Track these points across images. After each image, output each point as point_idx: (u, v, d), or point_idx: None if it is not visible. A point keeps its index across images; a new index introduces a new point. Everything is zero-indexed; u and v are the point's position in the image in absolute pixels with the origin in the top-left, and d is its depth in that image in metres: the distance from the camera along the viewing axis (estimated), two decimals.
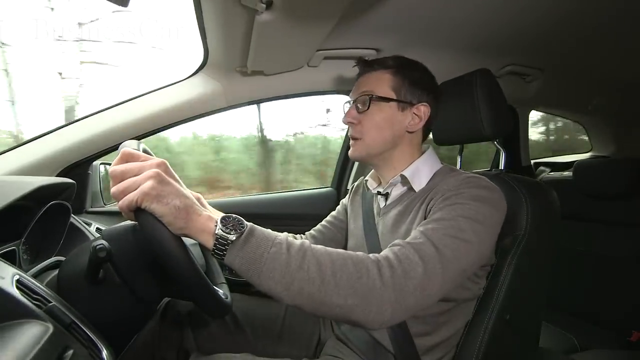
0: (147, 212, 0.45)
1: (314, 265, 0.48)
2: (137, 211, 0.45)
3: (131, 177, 0.46)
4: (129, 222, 0.61)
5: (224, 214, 0.49)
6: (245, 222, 0.49)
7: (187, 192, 0.50)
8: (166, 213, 0.45)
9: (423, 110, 0.72)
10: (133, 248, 0.57)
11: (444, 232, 0.56)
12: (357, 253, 0.52)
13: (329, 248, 0.52)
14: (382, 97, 0.71)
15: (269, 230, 0.51)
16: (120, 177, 0.46)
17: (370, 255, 0.53)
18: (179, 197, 0.46)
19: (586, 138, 1.99)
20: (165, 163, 0.49)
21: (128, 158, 0.48)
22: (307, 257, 0.48)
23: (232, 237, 0.47)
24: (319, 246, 0.52)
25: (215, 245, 0.47)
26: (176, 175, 0.50)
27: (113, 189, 0.46)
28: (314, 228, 0.94)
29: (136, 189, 0.45)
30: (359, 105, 0.73)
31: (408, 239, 0.57)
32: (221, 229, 0.47)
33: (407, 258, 0.52)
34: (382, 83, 0.72)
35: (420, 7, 0.81)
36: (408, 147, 0.74)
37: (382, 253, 0.54)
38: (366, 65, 0.76)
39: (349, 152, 0.77)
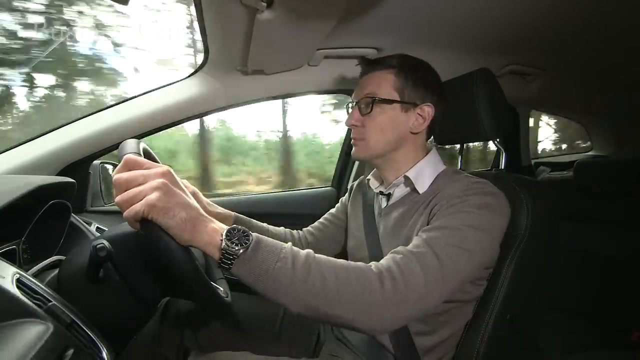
0: (153, 222, 0.44)
1: (319, 281, 0.49)
2: (143, 221, 0.45)
3: (136, 187, 0.45)
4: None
5: (228, 227, 0.49)
6: (251, 234, 0.49)
7: (192, 201, 0.49)
8: (173, 226, 0.45)
9: (427, 110, 0.71)
10: (134, 249, 0.57)
11: (446, 241, 0.56)
12: (359, 264, 0.53)
13: (333, 259, 0.53)
14: (384, 99, 0.70)
15: (274, 242, 0.51)
16: (125, 185, 0.45)
17: (373, 266, 0.53)
18: (185, 208, 0.46)
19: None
20: (170, 171, 0.48)
21: (131, 165, 0.47)
22: (311, 272, 0.49)
23: (239, 250, 0.47)
24: (323, 257, 0.52)
25: (221, 258, 0.47)
26: (180, 183, 0.49)
27: (117, 199, 0.45)
28: (312, 225, 0.94)
29: (141, 199, 0.44)
30: (361, 106, 0.72)
31: (410, 247, 0.57)
32: (227, 243, 0.47)
33: (408, 268, 0.53)
34: (385, 84, 0.70)
35: (420, 7, 0.81)
36: (412, 148, 0.73)
37: (384, 262, 0.55)
38: (368, 65, 0.75)
39: (352, 152, 0.76)
